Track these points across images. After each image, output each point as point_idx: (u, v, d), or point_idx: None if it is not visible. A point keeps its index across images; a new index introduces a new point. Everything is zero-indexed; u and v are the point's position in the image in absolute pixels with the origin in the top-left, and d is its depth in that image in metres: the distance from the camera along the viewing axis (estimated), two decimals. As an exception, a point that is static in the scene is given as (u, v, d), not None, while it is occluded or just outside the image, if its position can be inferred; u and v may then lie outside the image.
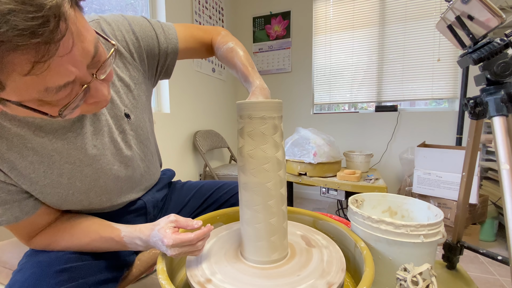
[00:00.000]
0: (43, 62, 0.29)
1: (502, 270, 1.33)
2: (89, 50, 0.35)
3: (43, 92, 0.32)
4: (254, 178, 0.48)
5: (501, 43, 0.56)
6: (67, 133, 0.47)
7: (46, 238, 0.51)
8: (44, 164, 0.46)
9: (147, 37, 0.57)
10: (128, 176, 0.58)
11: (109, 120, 0.53)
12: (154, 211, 0.71)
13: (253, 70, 0.57)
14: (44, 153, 0.46)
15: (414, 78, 2.16)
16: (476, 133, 0.73)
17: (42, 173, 0.46)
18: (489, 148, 1.68)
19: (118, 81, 0.54)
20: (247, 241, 0.50)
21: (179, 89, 1.87)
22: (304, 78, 2.50)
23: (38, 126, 0.44)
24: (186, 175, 1.98)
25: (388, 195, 0.71)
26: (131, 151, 0.58)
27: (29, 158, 0.45)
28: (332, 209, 2.27)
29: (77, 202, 0.52)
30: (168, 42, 0.61)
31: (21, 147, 0.44)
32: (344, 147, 2.27)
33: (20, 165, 0.44)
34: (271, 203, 0.48)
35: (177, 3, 1.82)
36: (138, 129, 0.59)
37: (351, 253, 0.57)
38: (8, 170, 0.44)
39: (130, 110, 0.57)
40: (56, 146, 0.46)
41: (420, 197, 1.62)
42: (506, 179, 0.51)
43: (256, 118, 0.46)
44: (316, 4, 2.41)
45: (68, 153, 0.48)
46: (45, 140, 0.45)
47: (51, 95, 0.33)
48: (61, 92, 0.33)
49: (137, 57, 0.57)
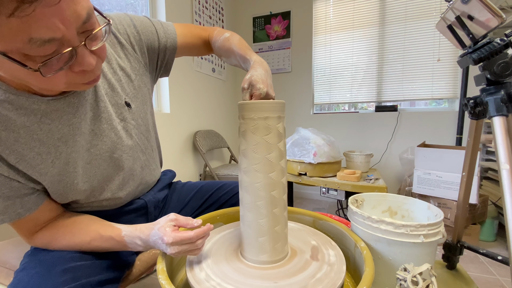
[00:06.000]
0: (29, 3, 0.29)
1: (502, 270, 1.33)
2: (80, 13, 0.35)
3: (27, 43, 0.31)
4: (254, 178, 0.48)
5: (501, 43, 0.56)
6: (71, 119, 0.48)
7: (48, 235, 0.51)
8: (51, 155, 0.47)
9: (147, 31, 0.61)
10: (129, 167, 0.59)
11: (109, 107, 0.54)
12: (155, 211, 0.71)
13: (250, 50, 0.60)
14: (50, 143, 0.46)
15: (414, 78, 2.16)
16: (476, 133, 0.73)
17: (50, 163, 0.47)
18: (489, 148, 1.68)
19: (119, 70, 0.56)
20: (247, 241, 0.50)
21: (179, 89, 1.87)
22: (304, 78, 2.49)
23: (44, 113, 0.45)
24: (186, 175, 1.97)
25: (388, 195, 0.71)
26: (131, 140, 0.58)
27: (36, 149, 0.45)
28: (332, 209, 2.27)
29: (81, 192, 0.53)
30: (167, 37, 0.64)
31: (27, 139, 0.44)
32: (344, 147, 2.27)
33: (28, 156, 0.45)
34: (271, 206, 0.48)
35: (177, 3, 1.82)
36: (139, 119, 0.60)
37: (351, 253, 0.57)
38: (16, 162, 0.44)
39: (131, 99, 0.58)
40: (63, 133, 0.47)
41: (420, 197, 1.62)
42: (506, 179, 0.51)
43: (258, 119, 0.46)
44: (316, 4, 2.41)
45: (74, 140, 0.49)
46: (51, 127, 0.46)
47: (35, 48, 0.32)
48: (45, 47, 0.33)
49: (138, 49, 0.60)
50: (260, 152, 0.47)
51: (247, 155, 0.48)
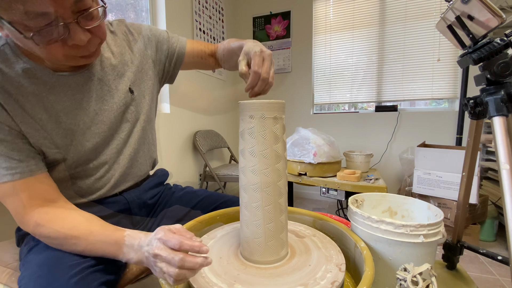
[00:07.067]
0: None
1: (502, 270, 1.33)
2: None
3: (24, 14, 0.37)
4: (250, 178, 0.48)
5: (501, 43, 0.56)
6: (75, 95, 0.54)
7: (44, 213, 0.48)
8: (51, 122, 0.52)
9: (160, 36, 0.71)
10: (120, 147, 0.63)
11: (113, 91, 0.60)
12: (140, 211, 0.69)
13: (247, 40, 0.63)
14: (53, 113, 0.52)
15: (414, 78, 2.16)
16: (476, 133, 0.73)
17: (50, 129, 0.51)
18: (489, 148, 1.68)
19: (130, 63, 0.64)
20: (245, 241, 0.50)
21: (179, 89, 1.87)
22: (304, 78, 2.50)
23: (53, 86, 0.51)
24: (186, 175, 1.98)
25: (388, 195, 0.71)
26: (128, 124, 0.63)
27: (40, 115, 0.50)
28: (332, 209, 2.27)
29: (76, 153, 0.56)
30: (177, 43, 0.72)
31: (34, 105, 0.50)
32: (344, 147, 2.27)
33: (33, 119, 0.50)
34: (270, 206, 0.48)
35: (177, 3, 1.82)
36: (138, 108, 0.65)
37: (351, 253, 0.57)
38: (20, 122, 0.48)
39: (135, 87, 0.64)
40: (66, 105, 0.53)
41: (420, 197, 1.62)
42: (506, 179, 0.51)
43: (258, 118, 0.46)
44: (316, 4, 2.41)
45: (74, 113, 0.54)
46: (57, 98, 0.52)
47: (30, 20, 0.38)
48: (38, 19, 0.38)
49: (149, 48, 0.68)
50: (257, 152, 0.47)
51: (245, 155, 0.48)
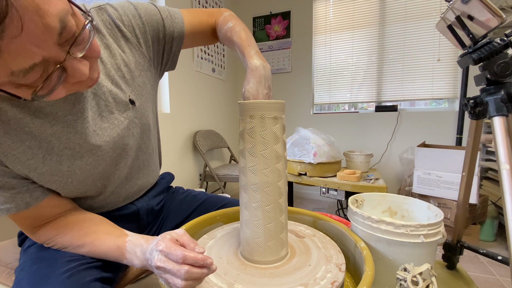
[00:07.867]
0: None
1: (502, 270, 1.33)
2: (52, 26, 0.31)
3: (10, 76, 0.30)
4: (250, 179, 0.48)
5: (501, 43, 0.56)
6: (67, 116, 0.45)
7: (53, 229, 0.49)
8: (42, 149, 0.44)
9: (152, 21, 0.57)
10: (127, 166, 0.58)
11: (111, 105, 0.51)
12: (148, 218, 0.69)
13: (250, 47, 0.56)
14: (42, 138, 0.44)
15: (414, 78, 2.16)
16: (476, 133, 0.73)
17: (41, 158, 0.44)
18: (489, 148, 1.68)
19: (124, 66, 0.54)
20: (245, 241, 0.50)
21: (179, 89, 1.87)
22: (304, 78, 2.50)
23: (38, 107, 0.43)
24: (186, 175, 1.98)
25: (388, 195, 0.71)
26: (133, 140, 0.56)
27: (27, 142, 0.43)
28: (332, 209, 2.27)
29: (74, 190, 0.51)
30: (174, 26, 0.60)
31: (18, 131, 0.42)
32: (344, 147, 2.27)
33: (18, 150, 0.42)
34: (270, 206, 0.48)
35: (177, 3, 1.82)
36: (142, 118, 0.58)
37: (351, 253, 0.57)
38: (4, 156, 0.41)
39: (135, 97, 0.56)
40: (56, 129, 0.45)
41: (420, 197, 1.62)
42: (506, 179, 0.51)
43: (258, 118, 0.46)
44: (316, 4, 2.41)
45: (67, 138, 0.46)
46: (44, 122, 0.43)
47: (20, 78, 0.31)
48: (30, 75, 0.31)
49: (143, 42, 0.57)
50: (257, 152, 0.47)
51: (245, 155, 0.48)
